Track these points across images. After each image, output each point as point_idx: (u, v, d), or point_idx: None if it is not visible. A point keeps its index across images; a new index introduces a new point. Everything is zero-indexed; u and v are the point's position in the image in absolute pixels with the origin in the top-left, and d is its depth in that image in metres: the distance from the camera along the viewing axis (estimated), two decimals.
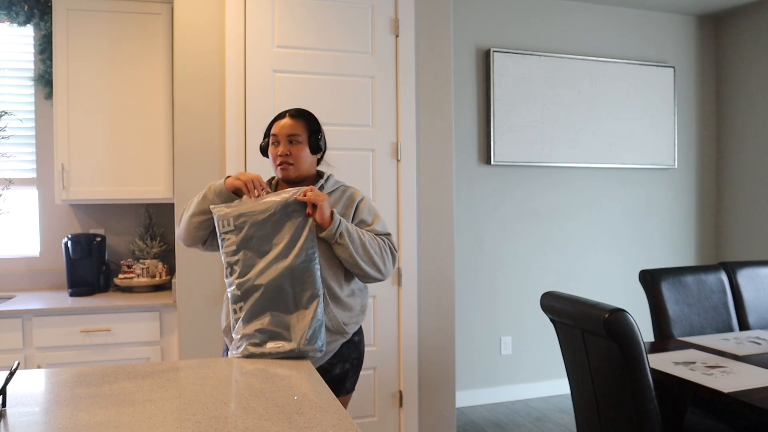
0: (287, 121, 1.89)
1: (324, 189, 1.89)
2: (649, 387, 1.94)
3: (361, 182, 2.86)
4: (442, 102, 3.02)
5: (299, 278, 1.71)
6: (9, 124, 3.04)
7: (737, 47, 4.37)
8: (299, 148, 1.88)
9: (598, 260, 4.23)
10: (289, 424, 1.21)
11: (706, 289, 2.81)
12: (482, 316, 3.95)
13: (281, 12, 2.78)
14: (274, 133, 1.89)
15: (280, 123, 1.90)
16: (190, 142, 2.72)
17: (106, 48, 2.94)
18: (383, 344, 2.91)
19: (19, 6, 3.06)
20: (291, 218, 1.74)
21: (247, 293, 1.71)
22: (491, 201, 3.97)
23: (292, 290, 1.71)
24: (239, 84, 2.73)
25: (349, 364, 1.92)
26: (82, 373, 1.56)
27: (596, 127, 4.14)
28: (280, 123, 1.90)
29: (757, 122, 4.23)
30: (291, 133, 1.87)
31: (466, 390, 3.89)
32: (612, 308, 1.94)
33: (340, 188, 1.95)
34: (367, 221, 1.91)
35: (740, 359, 2.23)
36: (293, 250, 1.71)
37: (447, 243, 3.03)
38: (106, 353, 2.68)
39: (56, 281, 3.17)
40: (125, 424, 1.20)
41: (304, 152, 1.89)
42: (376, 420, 2.91)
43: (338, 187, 1.95)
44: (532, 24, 4.04)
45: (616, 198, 4.27)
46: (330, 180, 1.94)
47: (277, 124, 1.91)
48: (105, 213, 3.24)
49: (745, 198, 4.32)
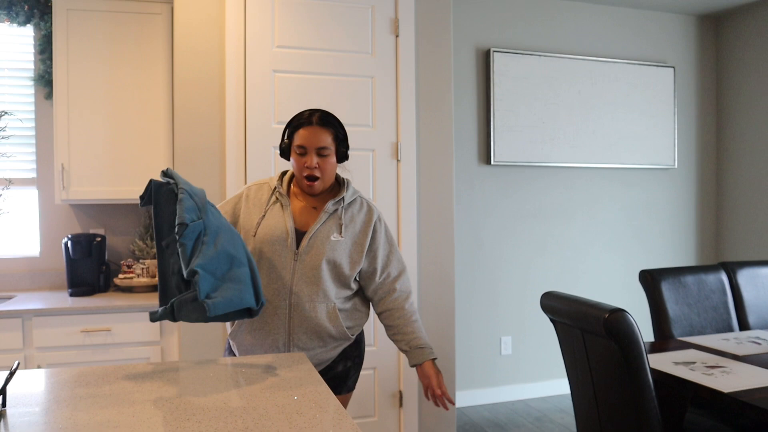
0: (315, 131, 1.78)
1: (345, 200, 1.85)
2: (649, 387, 1.94)
3: (361, 182, 2.86)
4: (442, 102, 3.02)
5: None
6: (9, 124, 3.04)
7: (737, 47, 4.37)
8: (327, 160, 1.80)
9: (598, 260, 4.23)
10: (289, 424, 1.21)
11: (706, 289, 2.81)
12: (482, 316, 3.95)
13: (281, 12, 2.78)
14: (302, 144, 1.78)
15: (307, 133, 1.78)
16: (190, 142, 2.72)
17: (106, 48, 2.93)
18: (383, 344, 2.91)
19: (19, 6, 3.06)
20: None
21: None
22: (491, 201, 3.97)
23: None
24: (239, 84, 2.73)
25: (351, 361, 1.92)
26: (82, 373, 1.56)
27: (596, 127, 4.14)
28: (306, 132, 1.78)
29: (757, 122, 4.23)
30: (321, 146, 1.78)
31: (466, 390, 3.89)
32: (612, 308, 1.94)
33: (358, 200, 1.91)
34: (383, 259, 1.89)
35: (740, 359, 2.23)
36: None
37: (447, 243, 3.02)
38: (106, 353, 2.68)
39: (56, 281, 3.17)
40: (125, 424, 1.20)
41: (332, 163, 1.83)
42: (376, 420, 2.91)
43: (355, 198, 1.91)
44: (532, 24, 4.04)
45: (616, 198, 4.27)
46: (350, 189, 1.89)
47: (302, 134, 1.79)
48: (105, 213, 3.24)
49: (745, 198, 4.32)
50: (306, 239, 1.79)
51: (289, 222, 1.81)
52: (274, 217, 1.82)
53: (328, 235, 1.81)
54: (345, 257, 1.82)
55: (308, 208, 1.87)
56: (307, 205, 1.87)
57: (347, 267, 1.83)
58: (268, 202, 1.85)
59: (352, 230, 1.85)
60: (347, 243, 1.83)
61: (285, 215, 1.82)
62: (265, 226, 1.81)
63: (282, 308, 1.80)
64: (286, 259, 1.79)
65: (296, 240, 1.80)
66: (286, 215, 1.82)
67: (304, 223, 1.84)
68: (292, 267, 1.79)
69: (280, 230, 1.80)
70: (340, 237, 1.82)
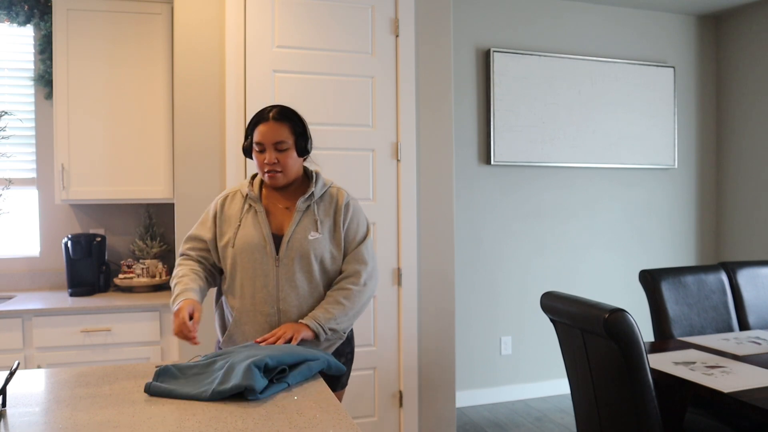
0: (272, 126, 1.78)
1: (314, 195, 1.84)
2: (649, 387, 1.94)
3: (361, 182, 2.86)
4: (442, 102, 3.02)
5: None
6: (9, 124, 3.04)
7: (737, 47, 4.37)
8: (287, 155, 1.79)
9: (598, 260, 4.23)
10: (289, 424, 1.21)
11: (706, 289, 2.81)
12: (482, 316, 3.95)
13: (281, 12, 2.78)
14: (260, 141, 1.78)
15: (264, 128, 1.78)
16: (190, 142, 2.72)
17: (106, 48, 2.93)
18: (383, 344, 2.91)
19: (19, 6, 3.06)
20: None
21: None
22: (491, 201, 3.97)
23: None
24: (239, 84, 2.73)
25: (344, 358, 1.92)
26: (82, 373, 1.56)
27: (596, 127, 4.14)
28: (263, 128, 1.78)
29: (757, 122, 4.23)
30: (277, 140, 1.77)
31: (466, 390, 3.89)
32: (612, 308, 1.94)
33: (328, 192, 1.89)
34: (356, 239, 1.87)
35: (740, 359, 2.23)
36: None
37: (447, 243, 3.02)
38: (106, 353, 2.68)
39: (56, 281, 3.17)
40: (125, 424, 1.20)
41: (292, 158, 1.81)
42: (376, 420, 2.91)
43: (326, 191, 1.89)
44: (532, 24, 4.04)
45: (616, 198, 4.27)
46: (319, 182, 1.87)
47: (260, 130, 1.79)
48: (105, 213, 3.24)
49: (745, 198, 4.32)
50: (284, 244, 1.78)
51: (266, 228, 1.80)
52: (250, 226, 1.81)
53: (305, 234, 1.80)
54: (326, 253, 1.82)
55: (281, 209, 1.85)
56: (281, 207, 1.85)
57: (329, 262, 1.83)
58: (242, 211, 1.83)
59: (328, 224, 1.84)
60: (325, 238, 1.82)
61: (260, 222, 1.81)
62: (242, 236, 1.80)
63: (272, 315, 1.79)
64: (268, 266, 1.78)
65: (275, 245, 1.79)
66: (261, 222, 1.80)
67: (280, 226, 1.82)
68: (275, 273, 1.78)
69: (257, 238, 1.79)
70: (318, 234, 1.81)
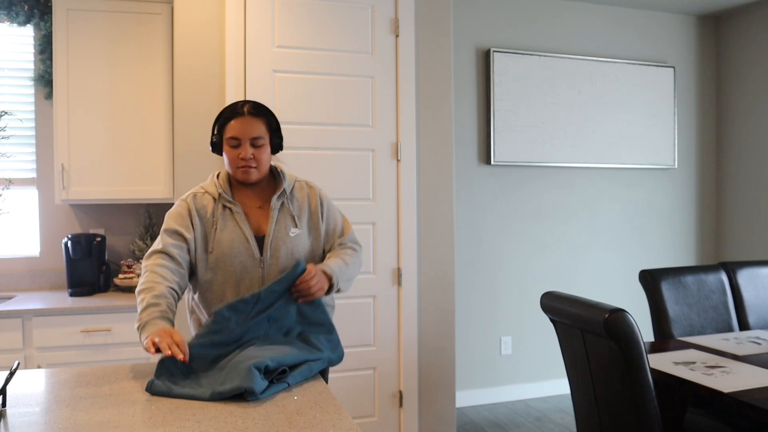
0: (248, 121, 1.74)
1: (287, 191, 1.82)
2: (649, 387, 1.94)
3: (361, 182, 2.87)
4: (442, 102, 3.02)
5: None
6: (9, 124, 3.05)
7: (737, 47, 4.37)
8: (262, 151, 1.76)
9: (598, 260, 4.23)
10: (289, 424, 1.21)
11: (706, 289, 2.81)
12: (482, 316, 3.95)
13: (281, 12, 2.78)
14: (235, 136, 1.73)
15: (239, 123, 1.74)
16: (190, 142, 2.72)
17: (106, 48, 2.93)
18: (383, 344, 2.91)
19: (19, 6, 3.06)
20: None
21: None
22: (491, 201, 3.97)
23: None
24: (239, 84, 2.73)
25: None
26: (82, 373, 1.56)
27: (596, 127, 4.14)
28: (238, 123, 1.74)
29: (757, 122, 4.23)
30: (254, 135, 1.73)
31: (466, 390, 3.89)
32: (612, 308, 1.94)
33: (297, 186, 1.87)
34: (338, 229, 1.89)
35: (740, 359, 2.23)
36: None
37: (447, 243, 3.02)
38: (106, 353, 2.68)
39: (56, 281, 3.17)
40: (125, 424, 1.20)
41: (267, 153, 1.78)
42: (376, 420, 2.91)
43: (294, 185, 1.87)
44: (532, 24, 4.04)
45: (616, 198, 4.27)
46: (287, 178, 1.84)
47: (234, 125, 1.74)
48: (105, 213, 3.24)
49: (745, 198, 4.32)
50: (267, 244, 1.75)
51: (246, 229, 1.75)
52: (229, 229, 1.75)
53: (286, 232, 1.78)
54: (307, 247, 1.82)
55: (255, 209, 1.81)
56: (253, 206, 1.81)
57: (309, 257, 1.82)
58: (215, 213, 1.76)
59: (306, 218, 1.83)
60: (305, 233, 1.82)
61: (240, 223, 1.75)
62: (221, 239, 1.73)
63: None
64: (253, 269, 1.74)
65: (258, 246, 1.76)
66: (241, 223, 1.75)
67: (257, 226, 1.79)
68: (260, 275, 1.74)
69: (239, 241, 1.74)
70: (298, 230, 1.80)
